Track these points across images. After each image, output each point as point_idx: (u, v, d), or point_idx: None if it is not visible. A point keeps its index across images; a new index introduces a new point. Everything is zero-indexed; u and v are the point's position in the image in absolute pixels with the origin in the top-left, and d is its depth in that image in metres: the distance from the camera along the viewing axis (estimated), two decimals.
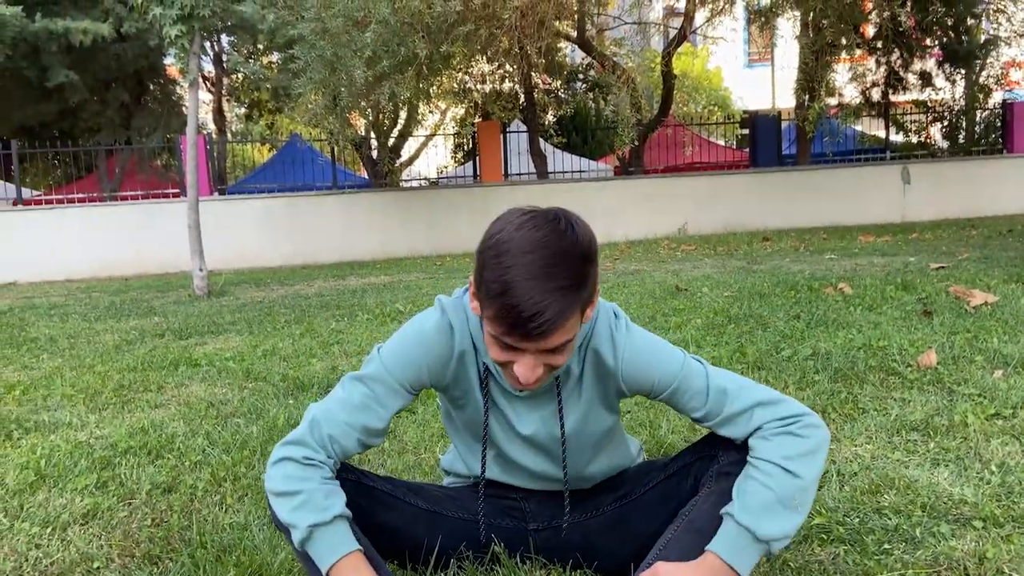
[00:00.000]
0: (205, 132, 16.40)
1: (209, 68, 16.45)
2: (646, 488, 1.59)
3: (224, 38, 15.29)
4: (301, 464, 1.39)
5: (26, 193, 14.14)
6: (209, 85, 17.10)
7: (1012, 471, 1.99)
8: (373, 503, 1.54)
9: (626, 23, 13.85)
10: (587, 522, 1.62)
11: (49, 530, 1.98)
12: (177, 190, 12.76)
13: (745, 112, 15.96)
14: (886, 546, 1.64)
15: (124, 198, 12.94)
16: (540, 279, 1.22)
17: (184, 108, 7.20)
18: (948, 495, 1.86)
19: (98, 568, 1.78)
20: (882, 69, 13.98)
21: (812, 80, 11.05)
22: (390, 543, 1.55)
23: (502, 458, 1.59)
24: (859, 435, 2.33)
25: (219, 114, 16.67)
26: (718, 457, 1.48)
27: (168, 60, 13.20)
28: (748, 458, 1.38)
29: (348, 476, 1.52)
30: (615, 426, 1.63)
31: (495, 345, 1.32)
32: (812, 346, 3.45)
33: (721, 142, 17.24)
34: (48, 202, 12.53)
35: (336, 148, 13.70)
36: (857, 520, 1.76)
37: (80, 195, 12.67)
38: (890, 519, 1.75)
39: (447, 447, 2.23)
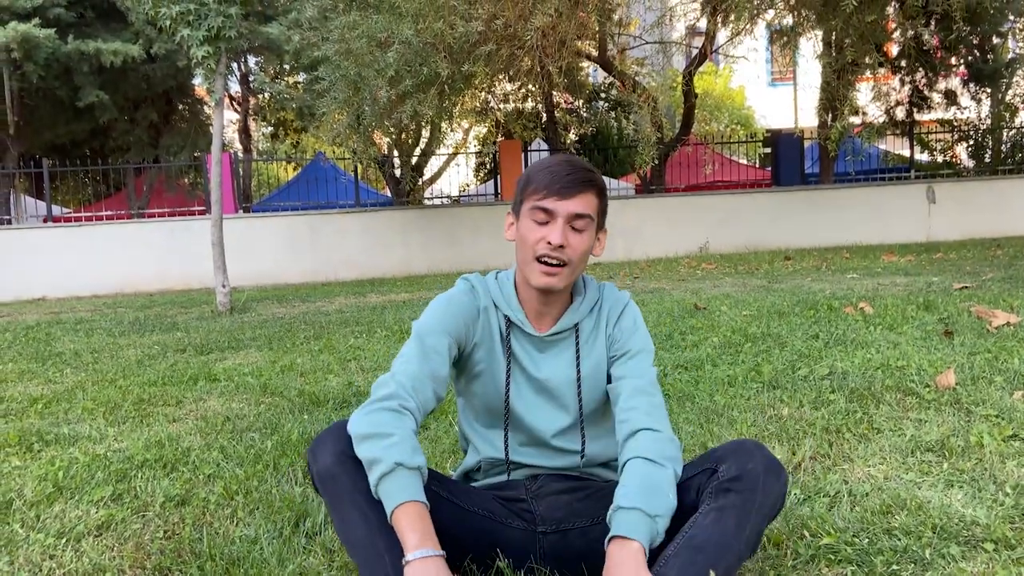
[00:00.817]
0: (231, 151, 16.65)
1: (236, 88, 16.72)
2: None
3: (251, 59, 15.54)
4: (396, 412, 1.51)
5: (56, 211, 14.42)
6: (236, 104, 17.37)
7: None
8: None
9: (647, 43, 13.90)
10: (592, 528, 1.63)
11: (63, 541, 2.01)
12: (203, 208, 12.94)
13: (768, 131, 15.92)
14: (895, 567, 1.62)
15: (151, 215, 13.16)
16: (570, 162, 1.65)
17: (211, 127, 7.34)
18: (960, 517, 1.84)
19: None
20: (906, 88, 13.90)
21: (834, 99, 10.99)
22: None
23: (519, 428, 1.72)
24: (873, 455, 2.30)
25: (245, 133, 16.91)
26: (718, 472, 1.51)
27: (196, 80, 13.46)
28: (625, 452, 1.57)
29: None
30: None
31: (531, 223, 1.62)
32: (829, 365, 3.42)
33: (743, 161, 17.19)
34: (77, 219, 12.77)
35: (359, 166, 13.85)
36: (867, 541, 1.74)
37: (109, 212, 12.90)
38: (900, 540, 1.73)
39: (457, 462, 2.24)
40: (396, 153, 15.83)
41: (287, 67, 15.34)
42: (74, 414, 3.42)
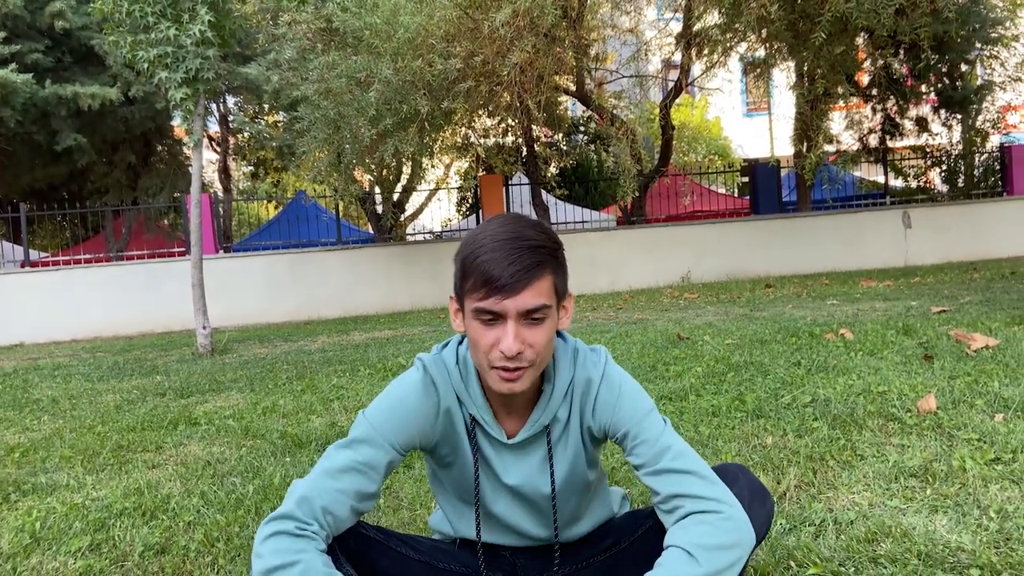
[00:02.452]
0: (211, 191, 16.63)
1: (215, 128, 16.76)
2: (633, 537, 1.58)
3: (230, 99, 15.61)
4: (294, 536, 1.34)
5: (34, 255, 14.30)
6: (215, 145, 17.39)
7: (1011, 517, 1.97)
8: (369, 550, 1.51)
9: (624, 76, 14.10)
10: (578, 573, 1.61)
11: None
12: (183, 249, 12.88)
13: (745, 160, 16.12)
14: None
15: (131, 258, 13.07)
16: (511, 240, 1.35)
17: (190, 168, 7.35)
18: (945, 542, 1.84)
19: None
20: (878, 116, 14.15)
21: (808, 128, 11.18)
22: None
23: (490, 518, 1.59)
24: (857, 482, 2.30)
25: (225, 173, 16.92)
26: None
27: (175, 121, 13.47)
28: (666, 541, 1.35)
29: None
30: (599, 479, 1.65)
31: (479, 326, 1.37)
32: (812, 392, 3.43)
33: (722, 190, 17.39)
34: (55, 263, 12.67)
35: (341, 204, 13.87)
36: (852, 569, 1.73)
37: (87, 256, 12.81)
38: (886, 568, 1.72)
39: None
40: (378, 190, 15.87)
41: (267, 107, 15.41)
42: (52, 462, 3.36)
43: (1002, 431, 2.65)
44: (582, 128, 18.61)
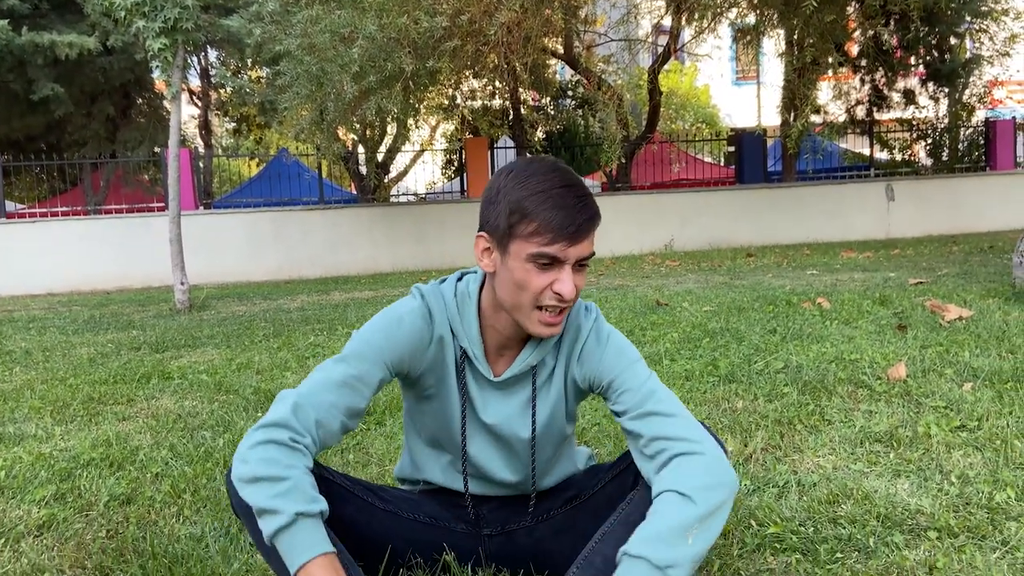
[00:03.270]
0: (191, 146, 16.39)
1: (196, 83, 16.45)
2: (594, 490, 1.59)
3: (211, 52, 15.30)
4: (288, 448, 1.30)
5: (11, 207, 14.08)
6: (196, 99, 17.09)
7: (972, 482, 1.99)
8: (332, 496, 1.46)
9: (613, 40, 13.96)
10: (538, 526, 1.62)
11: (2, 541, 1.96)
12: (163, 204, 12.71)
13: (732, 129, 16.07)
14: (839, 555, 1.64)
15: (109, 212, 12.90)
16: (572, 188, 1.36)
17: (170, 122, 7.19)
18: (905, 505, 1.86)
19: None
20: (866, 87, 14.12)
21: (796, 97, 11.13)
22: (346, 540, 1.47)
23: (469, 466, 1.58)
24: (823, 446, 2.33)
25: (206, 128, 16.64)
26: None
27: (155, 74, 13.20)
28: (652, 497, 1.33)
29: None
30: (570, 436, 1.65)
31: (533, 268, 1.35)
32: (784, 359, 3.45)
33: (708, 159, 17.35)
34: (32, 215, 12.48)
35: (324, 163, 13.71)
36: (812, 530, 1.75)
37: (64, 208, 12.62)
38: (845, 529, 1.74)
39: None
40: (361, 149, 15.70)
41: (249, 61, 15.12)
42: (20, 413, 3.33)
43: (969, 399, 2.67)
44: (570, 92, 18.44)
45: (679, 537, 1.25)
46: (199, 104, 16.83)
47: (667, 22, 12.91)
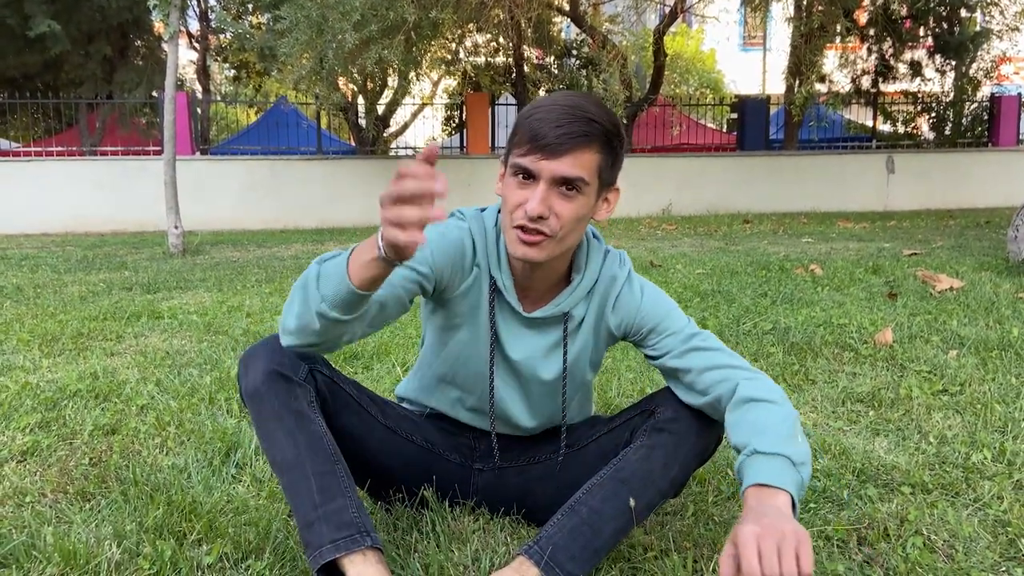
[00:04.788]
0: (189, 91, 16.20)
1: (195, 26, 16.20)
2: (589, 440, 1.59)
3: None
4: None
5: (5, 145, 13.94)
6: (194, 43, 16.84)
7: (949, 442, 2.02)
8: (336, 403, 1.48)
9: None
10: (530, 467, 1.63)
11: None
12: (159, 148, 12.59)
13: (736, 96, 15.92)
14: (812, 505, 1.66)
15: (105, 153, 12.78)
16: (569, 108, 1.31)
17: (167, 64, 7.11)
18: (881, 461, 1.88)
19: (30, 502, 1.77)
20: (873, 57, 13.96)
21: (801, 64, 11.01)
22: (345, 449, 1.46)
23: (474, 393, 1.57)
24: (805, 404, 2.34)
25: (204, 73, 16.42)
26: (655, 412, 1.49)
27: (153, 16, 12.98)
28: (736, 400, 1.34)
29: (321, 369, 1.46)
30: (591, 385, 1.67)
31: (513, 182, 1.34)
32: (773, 321, 3.47)
33: (711, 124, 17.21)
34: (27, 154, 12.35)
35: (323, 113, 13.56)
36: None
37: (60, 148, 12.50)
38: (819, 481, 1.76)
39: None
40: (361, 101, 15.52)
41: (249, 6, 14.88)
42: (9, 345, 3.33)
43: (953, 365, 2.69)
44: (575, 51, 18.20)
45: (793, 438, 1.26)
46: (198, 48, 16.59)
47: None
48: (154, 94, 13.78)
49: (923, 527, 1.54)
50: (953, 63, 13.82)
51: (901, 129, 14.97)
